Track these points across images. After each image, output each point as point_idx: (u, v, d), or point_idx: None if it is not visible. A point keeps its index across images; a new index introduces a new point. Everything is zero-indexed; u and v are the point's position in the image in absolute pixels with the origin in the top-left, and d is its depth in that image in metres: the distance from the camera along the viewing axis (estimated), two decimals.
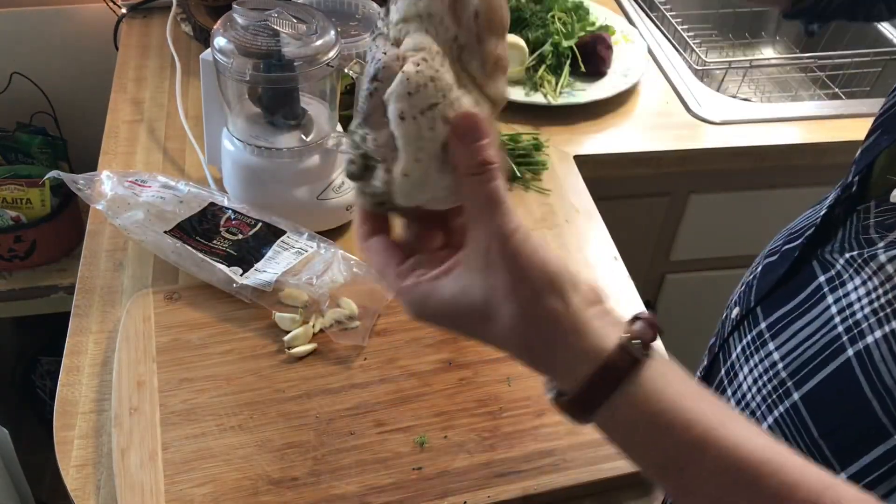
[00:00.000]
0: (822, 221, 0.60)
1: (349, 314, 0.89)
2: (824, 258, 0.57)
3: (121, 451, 0.76)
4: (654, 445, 0.44)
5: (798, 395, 0.54)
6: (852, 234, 0.56)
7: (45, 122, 1.62)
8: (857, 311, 0.51)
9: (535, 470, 0.77)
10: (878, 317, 0.49)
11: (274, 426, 0.79)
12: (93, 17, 1.56)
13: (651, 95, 1.35)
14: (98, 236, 1.02)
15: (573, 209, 1.11)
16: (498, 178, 0.44)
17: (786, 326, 0.57)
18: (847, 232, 0.57)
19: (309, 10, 0.93)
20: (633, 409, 0.44)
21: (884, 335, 0.48)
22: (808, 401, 0.54)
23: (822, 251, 0.58)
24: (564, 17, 1.38)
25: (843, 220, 0.58)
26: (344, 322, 0.88)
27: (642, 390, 0.43)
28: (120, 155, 1.14)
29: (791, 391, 0.55)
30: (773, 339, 0.58)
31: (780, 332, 0.58)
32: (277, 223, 0.96)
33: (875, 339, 0.49)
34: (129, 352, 0.85)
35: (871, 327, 0.50)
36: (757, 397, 0.57)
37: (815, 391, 0.53)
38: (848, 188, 0.59)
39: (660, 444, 0.44)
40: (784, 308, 0.59)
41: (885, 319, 0.49)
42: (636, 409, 0.44)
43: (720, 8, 1.66)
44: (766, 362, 0.58)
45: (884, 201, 0.54)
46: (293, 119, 0.97)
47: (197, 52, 1.33)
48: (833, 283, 0.55)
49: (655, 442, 0.44)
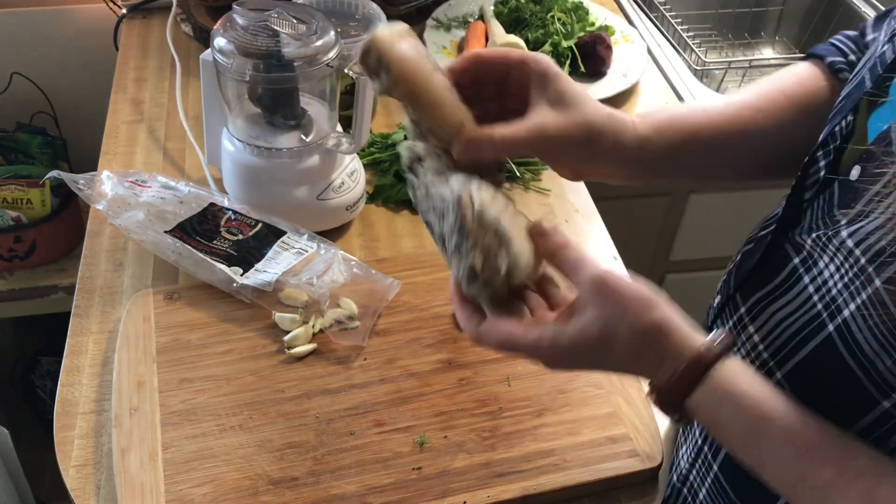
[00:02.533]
0: (787, 205, 0.63)
1: (349, 314, 0.89)
2: (795, 241, 0.60)
3: (121, 451, 0.76)
4: (735, 421, 0.54)
5: (780, 373, 0.59)
6: (819, 214, 0.58)
7: (45, 122, 1.62)
8: (832, 288, 0.54)
9: (535, 470, 0.77)
10: (849, 290, 0.52)
11: (274, 426, 0.79)
12: (93, 17, 1.57)
13: (650, 96, 1.35)
14: (98, 236, 1.02)
15: (573, 209, 1.11)
16: (572, 243, 0.60)
17: (764, 308, 0.61)
18: (815, 213, 0.59)
19: (309, 11, 0.93)
20: (717, 392, 0.54)
21: (857, 307, 0.52)
22: (790, 379, 0.58)
23: (793, 234, 0.61)
24: (564, 18, 1.38)
25: (811, 202, 0.60)
26: (344, 322, 0.88)
27: (724, 376, 0.54)
28: (120, 155, 1.14)
29: (773, 371, 0.59)
30: (752, 322, 0.63)
31: (759, 315, 0.62)
32: (278, 224, 0.96)
33: (850, 312, 0.52)
34: (129, 352, 0.85)
35: (846, 301, 0.53)
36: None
37: (797, 369, 0.58)
38: (810, 164, 0.61)
39: (739, 419, 0.54)
40: (761, 291, 0.62)
41: (855, 292, 0.52)
42: (719, 391, 0.54)
43: (720, 8, 1.66)
44: (747, 345, 0.63)
45: (846, 180, 0.56)
46: (293, 119, 0.97)
47: (197, 52, 1.33)
48: (807, 264, 0.58)
49: (735, 417, 0.54)
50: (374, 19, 1.12)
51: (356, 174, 1.03)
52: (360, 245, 1.03)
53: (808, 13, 1.67)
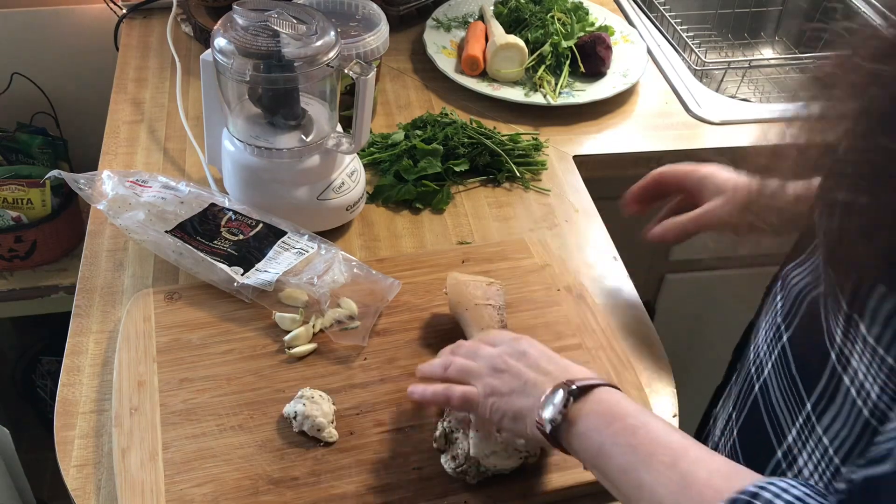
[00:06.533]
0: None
1: (349, 314, 0.89)
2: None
3: (121, 450, 0.76)
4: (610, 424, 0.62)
5: (786, 336, 0.64)
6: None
7: (45, 122, 1.62)
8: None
9: (536, 470, 0.77)
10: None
11: (274, 426, 0.79)
12: (93, 17, 1.57)
13: (650, 96, 1.35)
14: (99, 236, 1.02)
15: (573, 209, 1.11)
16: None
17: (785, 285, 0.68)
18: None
19: (309, 11, 0.93)
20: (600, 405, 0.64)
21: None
22: (791, 343, 0.63)
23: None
24: (564, 18, 1.38)
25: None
26: (344, 322, 0.88)
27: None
28: (120, 155, 1.15)
29: (782, 335, 0.65)
30: (780, 293, 0.67)
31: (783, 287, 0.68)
32: (278, 224, 0.96)
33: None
34: (129, 352, 0.85)
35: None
36: (764, 346, 0.68)
37: (795, 333, 0.63)
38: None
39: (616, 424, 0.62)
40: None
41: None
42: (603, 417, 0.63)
43: (719, 8, 1.66)
44: (769, 316, 0.68)
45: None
46: (293, 119, 0.97)
47: (197, 52, 1.33)
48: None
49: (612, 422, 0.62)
50: (374, 19, 1.12)
51: (356, 174, 1.03)
52: (361, 245, 1.03)
53: (807, 13, 1.67)
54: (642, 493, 0.57)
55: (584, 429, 0.63)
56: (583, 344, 0.89)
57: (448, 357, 0.76)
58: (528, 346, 0.72)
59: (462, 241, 1.05)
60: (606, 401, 0.64)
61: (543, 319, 0.91)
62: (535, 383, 0.68)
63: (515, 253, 1.00)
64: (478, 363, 0.73)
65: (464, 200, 1.11)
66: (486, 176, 1.15)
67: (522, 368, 0.70)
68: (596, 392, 0.64)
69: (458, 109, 1.26)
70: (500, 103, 1.27)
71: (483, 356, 0.73)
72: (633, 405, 0.63)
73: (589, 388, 0.64)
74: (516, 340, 0.74)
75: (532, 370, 0.69)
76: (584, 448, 0.63)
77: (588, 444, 0.62)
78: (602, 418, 0.62)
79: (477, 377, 0.72)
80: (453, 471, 0.74)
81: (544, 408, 0.65)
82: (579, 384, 0.64)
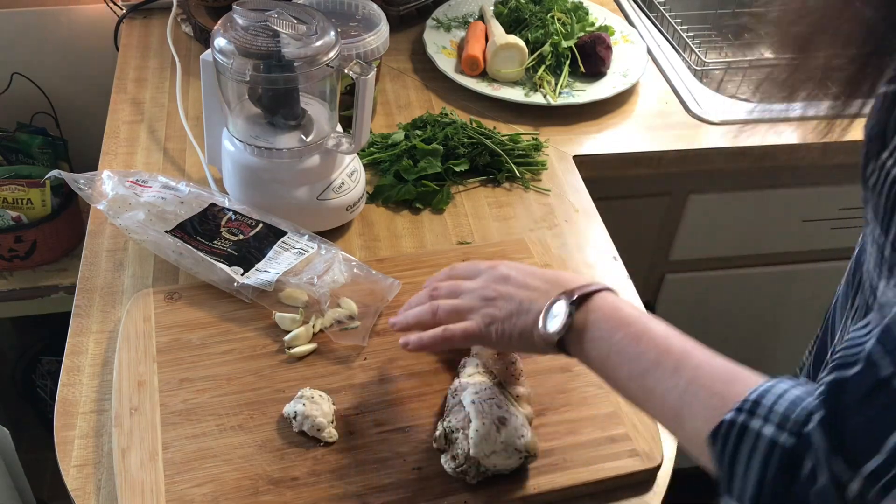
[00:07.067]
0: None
1: (349, 314, 0.89)
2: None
3: (121, 450, 0.76)
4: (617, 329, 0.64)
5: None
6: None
7: (45, 122, 1.62)
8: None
9: (535, 470, 0.77)
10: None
11: (274, 426, 0.79)
12: (93, 17, 1.57)
13: (650, 96, 1.35)
14: (99, 236, 1.02)
15: (572, 209, 1.11)
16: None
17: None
18: None
19: (309, 11, 0.93)
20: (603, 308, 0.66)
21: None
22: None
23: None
24: (564, 18, 1.38)
25: None
26: (344, 322, 0.88)
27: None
28: (120, 155, 1.15)
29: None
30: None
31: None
32: (278, 224, 0.96)
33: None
34: (129, 352, 0.85)
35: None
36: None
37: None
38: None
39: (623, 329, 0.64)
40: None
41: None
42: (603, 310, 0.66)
43: (719, 8, 1.66)
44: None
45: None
46: (293, 119, 0.97)
47: (197, 52, 1.33)
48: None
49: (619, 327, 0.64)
50: (374, 19, 1.12)
51: (356, 174, 1.03)
52: (361, 245, 1.03)
53: None
54: (651, 400, 0.60)
55: (589, 337, 0.65)
56: None
57: (431, 303, 0.76)
58: (507, 269, 0.74)
59: (462, 241, 1.05)
60: (607, 307, 0.66)
61: None
62: (530, 300, 0.70)
63: (515, 253, 1.00)
64: (466, 299, 0.74)
65: (464, 200, 1.11)
66: (486, 176, 1.15)
67: (513, 290, 0.71)
68: (595, 298, 0.66)
69: (458, 109, 1.26)
70: (500, 103, 1.27)
71: (468, 290, 0.75)
72: (633, 310, 0.65)
73: (588, 295, 0.67)
74: (493, 268, 0.75)
75: (523, 290, 0.71)
76: (592, 356, 0.65)
77: (595, 352, 0.65)
78: (606, 324, 0.65)
79: (470, 311, 0.73)
80: (453, 471, 0.74)
81: (547, 321, 0.67)
82: (579, 293, 0.67)
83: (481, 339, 0.72)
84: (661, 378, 0.59)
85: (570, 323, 0.66)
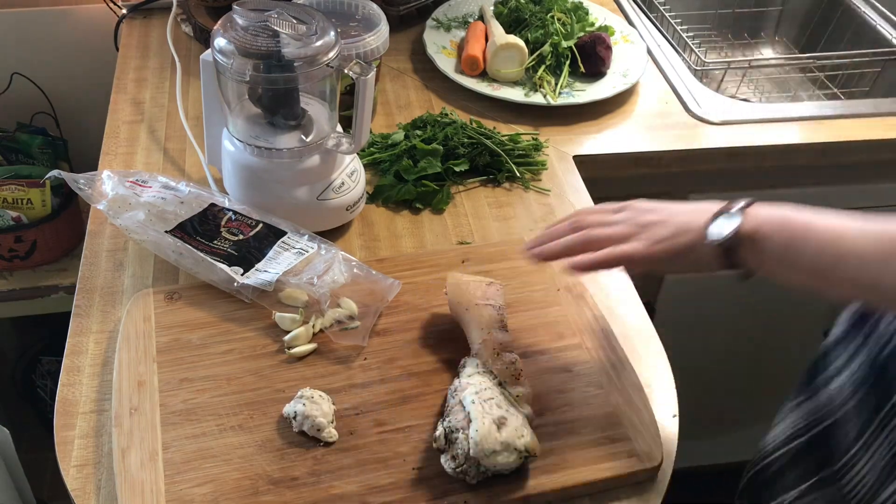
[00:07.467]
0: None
1: (349, 314, 0.89)
2: None
3: (121, 450, 0.76)
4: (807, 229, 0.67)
5: None
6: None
7: (45, 122, 1.62)
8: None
9: (535, 470, 0.77)
10: None
11: (274, 426, 0.79)
12: (93, 17, 1.57)
13: (650, 96, 1.35)
14: (99, 236, 1.02)
15: (572, 209, 1.11)
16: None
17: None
18: None
19: (309, 11, 0.93)
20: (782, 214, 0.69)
21: None
22: None
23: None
24: (564, 18, 1.38)
25: None
26: (344, 322, 0.88)
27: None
28: (120, 155, 1.15)
29: None
30: None
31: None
32: (278, 224, 0.96)
33: None
34: (129, 352, 0.85)
35: None
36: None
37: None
38: None
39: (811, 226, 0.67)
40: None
41: None
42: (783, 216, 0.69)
43: (719, 8, 1.66)
44: None
45: None
46: (293, 119, 0.97)
47: (197, 52, 1.33)
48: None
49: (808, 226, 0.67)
50: (374, 19, 1.12)
51: (356, 174, 1.03)
52: (361, 245, 1.03)
53: (807, 13, 1.67)
54: (843, 264, 0.64)
55: (762, 235, 0.68)
56: (583, 344, 0.89)
57: (582, 232, 0.78)
58: (646, 203, 0.78)
59: (462, 241, 1.05)
60: (767, 208, 0.69)
61: (543, 319, 0.91)
62: (686, 222, 0.73)
63: (515, 253, 1.00)
64: (620, 228, 0.76)
65: (464, 200, 1.11)
66: (486, 176, 1.15)
67: (666, 216, 0.75)
68: (753, 206, 0.70)
69: (458, 109, 1.26)
70: (500, 103, 1.27)
71: (619, 220, 0.77)
72: (792, 208, 0.69)
73: (744, 207, 0.70)
74: (629, 204, 0.78)
75: (675, 216, 0.74)
76: (767, 249, 0.68)
77: (771, 244, 0.68)
78: (775, 217, 0.68)
79: (629, 237, 0.75)
80: (453, 471, 0.74)
81: (714, 232, 0.70)
82: (737, 206, 0.70)
83: (647, 258, 0.74)
84: (849, 240, 0.63)
85: (738, 229, 0.68)
